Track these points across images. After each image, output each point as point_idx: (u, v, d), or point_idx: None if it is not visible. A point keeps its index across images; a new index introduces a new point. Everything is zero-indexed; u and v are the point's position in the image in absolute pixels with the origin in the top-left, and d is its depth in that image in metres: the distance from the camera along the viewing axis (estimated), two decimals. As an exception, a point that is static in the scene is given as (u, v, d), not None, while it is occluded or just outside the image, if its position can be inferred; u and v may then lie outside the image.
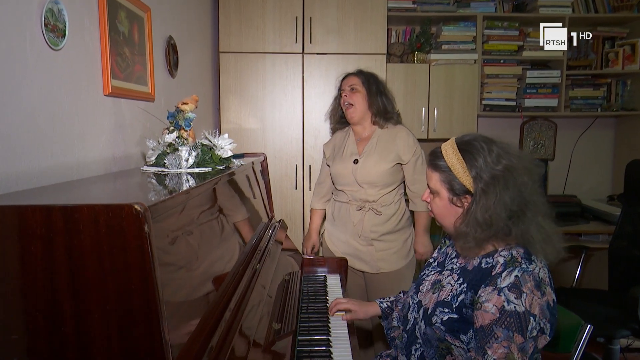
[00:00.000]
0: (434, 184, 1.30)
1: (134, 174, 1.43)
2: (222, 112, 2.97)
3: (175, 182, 1.22)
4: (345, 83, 2.34)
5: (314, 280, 2.09)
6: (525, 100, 3.33)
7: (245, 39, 2.93)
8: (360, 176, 2.25)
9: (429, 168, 1.32)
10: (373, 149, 2.27)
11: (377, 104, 2.28)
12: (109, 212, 0.74)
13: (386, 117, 2.30)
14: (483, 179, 1.20)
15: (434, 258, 1.49)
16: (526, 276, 1.16)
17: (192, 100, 1.59)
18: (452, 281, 1.32)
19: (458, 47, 3.22)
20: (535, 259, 1.21)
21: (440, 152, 1.30)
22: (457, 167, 1.24)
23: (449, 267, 1.38)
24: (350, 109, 2.29)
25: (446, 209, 1.29)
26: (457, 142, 1.28)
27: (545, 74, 3.32)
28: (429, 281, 1.40)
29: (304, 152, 3.01)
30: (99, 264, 0.75)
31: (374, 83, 2.31)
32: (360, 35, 2.97)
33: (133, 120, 1.74)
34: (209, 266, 1.13)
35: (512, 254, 1.21)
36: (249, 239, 1.63)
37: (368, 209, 2.26)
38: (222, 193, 1.41)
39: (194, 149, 1.48)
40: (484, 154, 1.22)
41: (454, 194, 1.26)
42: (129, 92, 1.67)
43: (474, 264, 1.29)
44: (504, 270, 1.19)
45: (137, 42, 1.75)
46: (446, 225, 1.32)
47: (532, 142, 3.61)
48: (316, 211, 2.53)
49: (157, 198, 0.91)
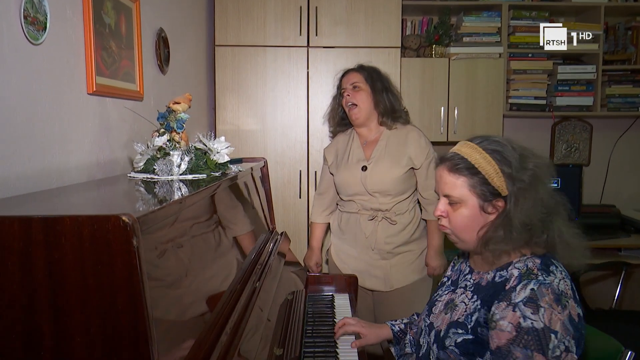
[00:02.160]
0: (459, 191, 1.26)
1: (121, 181, 1.44)
2: (218, 112, 2.99)
3: (166, 190, 1.23)
4: (346, 80, 2.31)
5: (320, 300, 2.09)
6: (556, 99, 3.32)
7: (244, 31, 2.96)
8: (371, 184, 2.22)
9: (450, 174, 1.27)
10: (383, 153, 2.25)
11: (383, 102, 2.25)
12: (93, 223, 0.75)
13: (394, 116, 2.27)
14: (519, 178, 1.21)
15: (448, 277, 1.49)
16: (543, 289, 1.15)
17: (185, 99, 1.61)
18: (465, 299, 1.31)
19: (481, 40, 3.23)
20: (555, 269, 1.20)
21: (458, 154, 1.27)
22: (486, 168, 1.23)
23: (462, 285, 1.37)
24: (354, 110, 2.26)
25: (474, 219, 1.26)
26: (475, 143, 1.27)
27: (578, 70, 3.31)
28: (442, 302, 1.40)
29: (309, 157, 3.02)
30: (82, 281, 0.75)
31: (378, 79, 2.28)
32: (371, 27, 2.98)
33: (119, 122, 1.75)
34: (203, 283, 1.13)
35: (528, 265, 1.22)
36: (248, 254, 1.63)
37: (381, 219, 2.24)
38: (218, 203, 1.42)
39: (187, 154, 1.49)
40: (510, 151, 1.24)
41: (485, 199, 1.24)
42: (115, 91, 1.68)
43: (487, 279, 1.28)
44: (518, 284, 1.19)
45: (125, 34, 1.77)
46: (467, 239, 1.29)
47: (565, 145, 3.60)
48: (318, 225, 2.49)
49: (146, 208, 0.91)
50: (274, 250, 1.91)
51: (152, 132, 1.57)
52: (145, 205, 1.04)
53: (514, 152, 1.24)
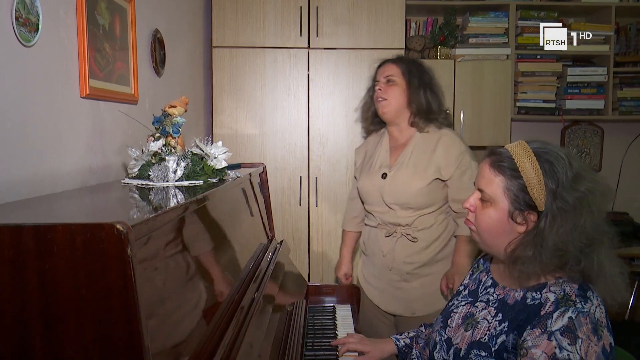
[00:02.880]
0: (493, 189, 1.22)
1: (114, 187, 1.44)
2: (216, 116, 3.00)
3: (162, 197, 1.23)
4: (381, 72, 2.17)
5: (320, 312, 2.08)
6: (566, 102, 3.33)
7: (242, 32, 2.97)
8: (389, 195, 2.08)
9: (491, 169, 1.23)
10: (407, 161, 2.09)
11: (418, 100, 2.10)
12: (86, 232, 0.75)
13: (428, 117, 2.11)
14: (563, 197, 1.15)
15: (465, 285, 1.45)
16: (582, 318, 1.12)
17: (182, 102, 1.61)
18: (488, 316, 1.27)
19: (487, 41, 3.24)
20: (592, 295, 1.17)
21: (507, 152, 1.23)
22: (530, 174, 1.17)
23: (483, 299, 1.33)
24: (382, 103, 2.12)
25: (500, 224, 1.22)
26: (530, 146, 1.22)
27: (589, 72, 3.33)
28: (459, 314, 1.36)
29: (310, 163, 3.03)
30: (75, 292, 0.76)
31: (417, 74, 2.13)
32: (374, 28, 2.99)
33: (113, 126, 1.76)
34: (200, 294, 1.14)
35: (565, 290, 1.17)
36: (246, 263, 1.63)
37: (400, 235, 2.09)
38: (215, 210, 1.42)
39: (183, 159, 1.50)
40: (565, 166, 1.17)
41: (517, 207, 1.19)
42: (108, 94, 1.69)
43: (515, 297, 1.24)
44: (555, 310, 1.14)
45: (119, 36, 1.78)
46: (492, 245, 1.25)
47: (575, 150, 3.61)
48: (348, 233, 2.39)
49: (141, 216, 0.91)
50: (273, 259, 1.91)
51: (147, 137, 1.58)
52: (140, 213, 1.04)
53: (569, 169, 1.17)
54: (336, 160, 3.02)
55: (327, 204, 3.01)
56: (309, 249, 3.06)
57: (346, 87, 3.00)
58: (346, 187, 3.00)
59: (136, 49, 1.90)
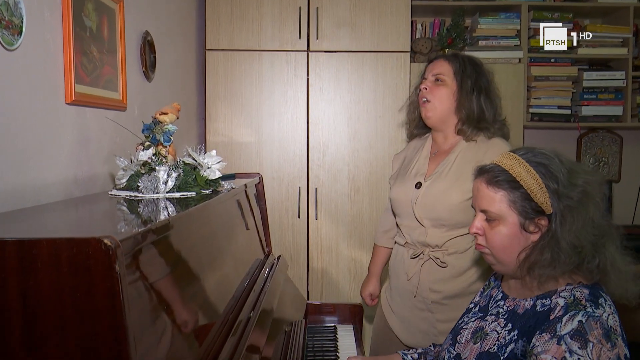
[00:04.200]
0: (497, 207, 1.26)
1: (101, 199, 1.45)
2: (209, 123, 3.01)
3: (152, 210, 1.24)
4: (430, 70, 2.04)
5: (321, 332, 2.08)
6: (582, 108, 3.34)
7: (238, 34, 2.99)
8: (420, 208, 1.95)
9: (488, 187, 1.28)
10: (447, 170, 1.96)
11: (469, 105, 1.96)
12: (72, 247, 0.75)
13: (479, 126, 1.98)
14: (566, 195, 1.21)
15: (475, 302, 1.48)
16: (592, 322, 1.15)
17: (173, 109, 1.62)
18: (497, 327, 1.30)
19: (498, 44, 3.26)
20: (604, 302, 1.20)
21: (498, 167, 1.28)
22: (529, 182, 1.23)
23: (493, 312, 1.36)
24: (427, 106, 2.00)
25: (514, 238, 1.26)
26: (518, 154, 1.28)
27: (606, 76, 3.33)
28: (468, 329, 1.39)
29: (309, 172, 3.03)
30: (60, 310, 0.76)
31: (471, 75, 2.00)
32: (378, 29, 3.01)
33: (100, 134, 1.77)
34: (192, 313, 1.14)
35: (575, 295, 1.21)
36: (241, 280, 1.63)
37: (427, 258, 1.95)
38: (208, 223, 1.42)
39: (175, 169, 1.50)
40: (558, 165, 1.24)
41: (527, 217, 1.24)
42: (95, 100, 1.70)
43: (525, 307, 1.28)
44: (564, 314, 1.18)
45: (107, 38, 1.79)
46: (507, 261, 1.28)
47: (593, 159, 3.61)
48: (379, 248, 2.28)
49: (130, 230, 0.92)
50: (269, 276, 1.91)
51: (136, 146, 1.58)
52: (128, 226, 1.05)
53: (562, 166, 1.24)
54: (337, 170, 3.03)
55: (328, 217, 3.02)
56: (309, 265, 3.06)
57: (348, 93, 3.02)
58: (348, 199, 3.01)
59: (125, 52, 1.91)
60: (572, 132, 3.60)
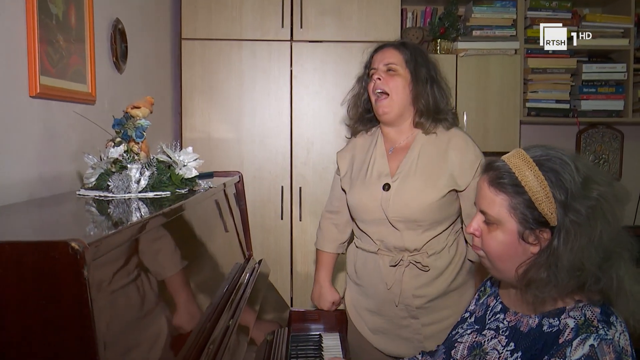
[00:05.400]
0: (496, 210, 1.22)
1: (68, 199, 1.44)
2: (185, 118, 3.00)
3: (123, 211, 1.23)
4: (379, 59, 2.00)
5: (305, 341, 2.08)
6: (581, 102, 3.38)
7: (216, 22, 2.98)
8: (394, 211, 1.93)
9: (490, 188, 1.24)
10: (413, 167, 1.95)
11: (425, 96, 1.95)
12: (37, 251, 0.75)
13: (437, 117, 1.98)
14: (574, 209, 1.15)
15: (470, 312, 1.45)
16: (604, 346, 1.12)
17: (146, 102, 1.61)
18: (498, 346, 1.28)
19: (493, 33, 3.28)
20: (615, 320, 1.17)
21: (506, 165, 1.23)
22: (536, 188, 1.17)
23: (492, 326, 1.33)
24: (384, 101, 1.96)
25: (510, 246, 1.22)
26: (530, 155, 1.22)
27: (606, 68, 3.38)
28: (464, 344, 1.37)
29: (293, 171, 3.04)
30: (24, 319, 0.76)
31: (423, 64, 1.98)
32: (366, 18, 3.02)
33: (67, 129, 1.76)
34: (166, 322, 1.14)
35: (586, 315, 1.18)
36: (220, 287, 1.63)
37: (408, 263, 1.94)
38: (184, 225, 1.42)
39: (148, 167, 1.50)
40: (572, 172, 1.17)
41: (527, 227, 1.20)
42: (62, 93, 1.69)
43: (529, 324, 1.25)
44: (575, 337, 1.15)
45: (75, 26, 1.78)
46: (502, 268, 1.26)
47: (592, 156, 3.65)
48: (325, 255, 2.23)
49: (99, 233, 0.92)
50: (250, 281, 1.91)
51: (106, 142, 1.57)
52: (98, 229, 1.04)
53: (577, 174, 1.17)
54: (323, 168, 3.03)
55: (313, 218, 3.02)
56: (292, 269, 3.06)
57: (334, 85, 3.02)
58: (334, 199, 3.01)
59: (94, 41, 1.90)
60: (570, 127, 3.64)
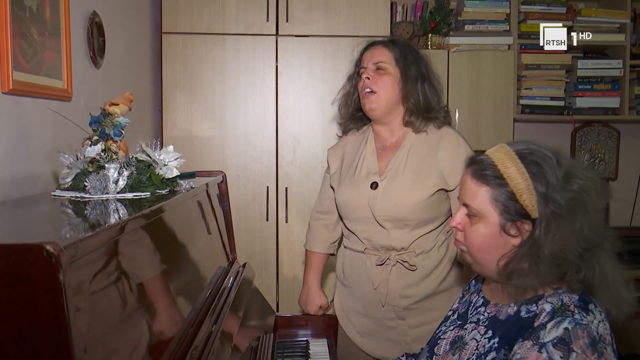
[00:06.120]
0: (478, 202, 1.28)
1: (43, 201, 1.43)
2: (166, 116, 2.99)
3: (101, 212, 1.23)
4: (369, 57, 2.05)
5: (291, 348, 2.09)
6: (576, 100, 3.41)
7: (198, 16, 2.97)
8: (381, 210, 1.97)
9: (473, 180, 1.29)
10: (402, 166, 1.99)
11: (415, 95, 2.00)
12: (10, 254, 0.75)
13: (428, 116, 2.03)
14: (555, 200, 1.21)
15: (454, 310, 1.50)
16: (579, 330, 1.17)
17: (125, 99, 1.61)
18: (477, 336, 1.32)
19: (486, 28, 3.30)
20: (594, 309, 1.22)
21: (489, 159, 1.29)
22: (517, 180, 1.23)
23: (473, 319, 1.38)
24: (371, 98, 2.01)
25: (492, 239, 1.28)
26: (513, 149, 1.28)
27: (602, 64, 3.41)
28: (446, 340, 1.41)
29: (278, 170, 3.04)
30: (-5, 327, 0.75)
31: (413, 62, 2.03)
32: (354, 12, 3.03)
33: (42, 127, 1.75)
34: (146, 329, 1.13)
35: (563, 300, 1.22)
36: (202, 291, 1.63)
37: (395, 262, 1.98)
38: (165, 227, 1.42)
39: (126, 167, 1.49)
40: (553, 166, 1.24)
41: (508, 218, 1.25)
42: (36, 89, 1.68)
43: (508, 312, 1.29)
44: (549, 321, 1.20)
45: (50, 20, 1.77)
46: (484, 262, 1.31)
47: (588, 155, 3.68)
48: (314, 256, 2.25)
49: (75, 235, 0.91)
50: (234, 285, 1.91)
51: (82, 141, 1.57)
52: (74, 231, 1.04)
53: (559, 168, 1.23)
54: (310, 168, 3.04)
55: (300, 219, 3.02)
56: (278, 272, 3.06)
57: (321, 82, 3.03)
58: (322, 200, 3.02)
59: (70, 35, 1.89)
60: (565, 125, 3.66)
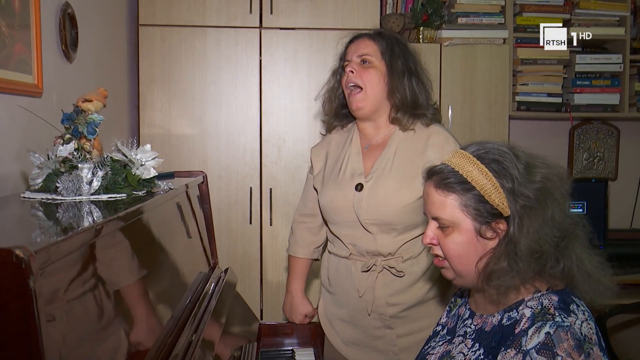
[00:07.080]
0: (449, 212, 1.29)
1: (12, 203, 1.43)
2: (143, 113, 2.98)
3: (73, 215, 1.22)
4: (353, 50, 2.04)
5: (276, 357, 2.09)
6: (574, 96, 3.43)
7: (177, 7, 2.97)
8: (367, 213, 1.96)
9: (437, 191, 1.31)
10: (388, 166, 1.99)
11: (402, 90, 1.99)
12: (-24, 259, 0.74)
13: (415, 113, 2.02)
14: (523, 194, 1.24)
15: (442, 324, 1.52)
16: (561, 333, 1.18)
17: (99, 95, 1.61)
18: (464, 349, 1.34)
19: (480, 21, 3.31)
20: (576, 309, 1.24)
21: (447, 167, 1.31)
22: (483, 182, 1.26)
23: (460, 332, 1.40)
24: (357, 95, 2.00)
25: (469, 245, 1.30)
26: (469, 152, 1.31)
27: (601, 59, 3.43)
28: (435, 355, 1.42)
29: (262, 170, 3.04)
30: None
31: (400, 55, 2.03)
32: (342, 3, 3.04)
33: (10, 125, 1.74)
34: (121, 338, 1.13)
35: (543, 303, 1.25)
36: (182, 298, 1.63)
37: (381, 268, 1.97)
38: (142, 231, 1.42)
39: (101, 167, 1.49)
40: (513, 160, 1.27)
41: (482, 222, 1.28)
42: (4, 84, 1.67)
43: (492, 323, 1.31)
44: (530, 326, 1.21)
45: (19, 11, 1.76)
46: (465, 272, 1.32)
47: (586, 154, 3.70)
48: (298, 261, 2.24)
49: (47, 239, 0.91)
50: (215, 292, 1.91)
51: (54, 139, 1.56)
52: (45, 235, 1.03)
53: (518, 161, 1.27)
54: (295, 168, 3.04)
55: (285, 222, 3.02)
56: (262, 278, 3.06)
57: (307, 77, 3.03)
58: (308, 201, 3.02)
59: (40, 27, 1.88)
60: (563, 123, 3.69)
